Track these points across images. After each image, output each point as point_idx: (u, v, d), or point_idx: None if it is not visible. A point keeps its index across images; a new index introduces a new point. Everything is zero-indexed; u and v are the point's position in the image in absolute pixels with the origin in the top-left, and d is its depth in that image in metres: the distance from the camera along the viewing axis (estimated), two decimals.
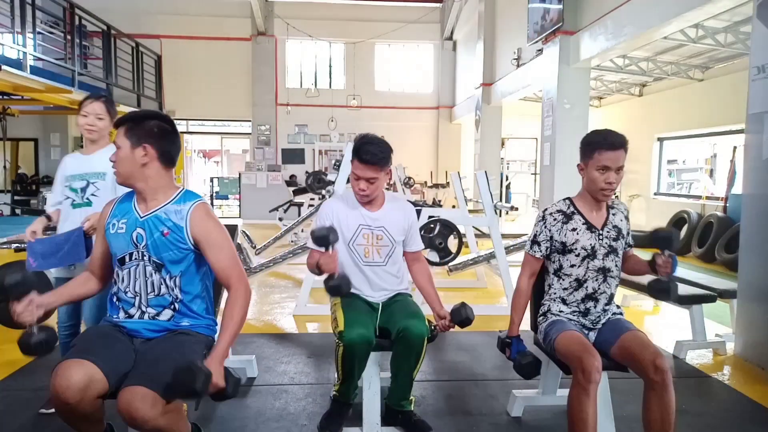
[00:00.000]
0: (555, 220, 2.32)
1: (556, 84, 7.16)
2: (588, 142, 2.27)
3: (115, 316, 1.96)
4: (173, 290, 1.93)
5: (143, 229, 1.90)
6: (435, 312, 2.45)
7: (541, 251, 2.35)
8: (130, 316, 1.93)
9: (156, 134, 1.90)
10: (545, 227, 2.33)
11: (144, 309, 1.92)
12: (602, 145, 2.20)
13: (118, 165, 1.89)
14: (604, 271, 2.30)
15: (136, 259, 1.91)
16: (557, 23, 7.01)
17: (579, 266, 2.29)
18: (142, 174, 1.89)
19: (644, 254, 2.43)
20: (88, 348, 1.75)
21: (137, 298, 1.92)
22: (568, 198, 2.39)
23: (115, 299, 1.97)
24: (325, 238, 2.20)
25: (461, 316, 2.36)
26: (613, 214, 2.35)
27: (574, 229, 2.29)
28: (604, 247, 2.29)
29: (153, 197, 1.92)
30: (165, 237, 1.89)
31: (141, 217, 1.91)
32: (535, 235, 2.36)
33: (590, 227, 2.29)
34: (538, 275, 2.45)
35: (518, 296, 2.42)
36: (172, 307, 1.94)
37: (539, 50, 7.93)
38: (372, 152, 2.33)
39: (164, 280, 1.92)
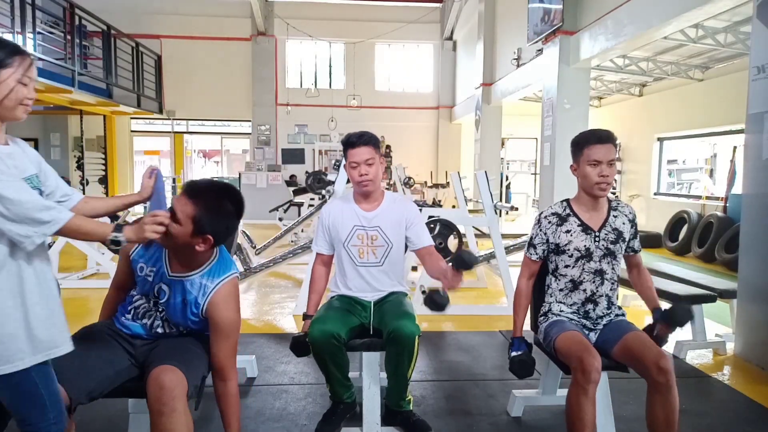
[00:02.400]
0: (549, 222, 2.34)
1: (556, 84, 7.16)
2: (576, 141, 2.31)
3: (123, 317, 1.97)
4: (181, 331, 1.97)
5: (168, 288, 1.87)
6: (442, 276, 2.24)
7: (537, 254, 2.38)
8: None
9: (223, 225, 1.78)
10: (540, 230, 2.36)
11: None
12: (590, 141, 2.24)
13: (168, 236, 1.72)
14: (601, 274, 2.29)
15: (151, 306, 1.93)
16: (557, 23, 7.01)
17: (573, 267, 2.30)
18: (190, 251, 1.81)
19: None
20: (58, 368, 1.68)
21: (148, 330, 1.95)
22: (566, 200, 2.39)
23: (129, 307, 1.98)
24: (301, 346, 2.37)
25: (462, 258, 2.15)
26: (615, 216, 2.32)
27: (568, 231, 2.30)
28: (600, 249, 2.28)
29: (186, 264, 1.87)
30: (183, 305, 1.87)
31: (169, 275, 1.88)
32: (531, 238, 2.40)
33: (586, 229, 2.29)
34: (540, 275, 2.46)
35: (518, 297, 2.43)
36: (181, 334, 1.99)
37: (539, 50, 7.93)
38: (359, 135, 2.42)
39: (170, 329, 1.95)
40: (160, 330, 1.94)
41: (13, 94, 1.52)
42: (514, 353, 2.32)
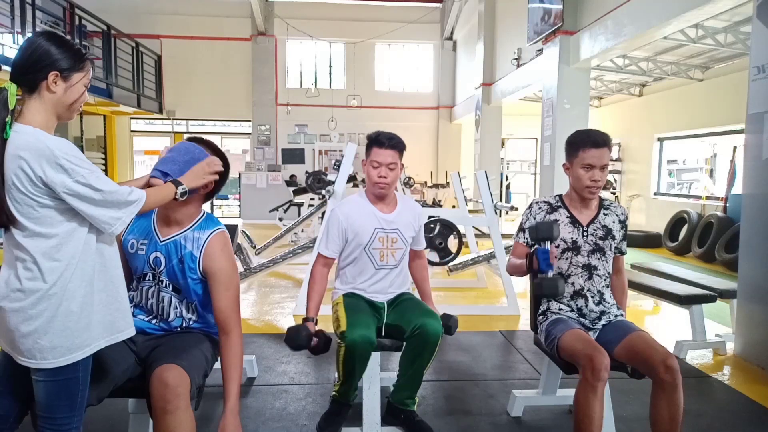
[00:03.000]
0: (540, 209, 2.39)
1: (556, 84, 7.16)
2: (572, 141, 2.31)
3: None
4: (189, 312, 1.98)
5: (162, 254, 1.90)
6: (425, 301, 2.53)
7: (525, 237, 2.40)
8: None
9: (224, 171, 1.92)
10: (531, 215, 2.40)
11: (155, 320, 1.97)
12: (586, 144, 2.25)
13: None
14: (589, 269, 2.31)
15: (149, 280, 1.93)
16: (557, 23, 7.01)
17: (560, 258, 2.33)
18: (183, 204, 1.87)
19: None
20: None
21: (151, 316, 1.97)
22: (559, 194, 2.44)
23: (131, 305, 1.99)
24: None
25: (447, 324, 2.42)
26: (605, 215, 2.36)
27: (555, 221, 2.31)
28: (588, 243, 2.30)
29: (177, 222, 1.91)
30: (181, 265, 1.89)
31: (161, 241, 1.91)
32: (521, 223, 2.43)
33: (574, 222, 2.33)
34: None
35: (511, 264, 2.40)
36: (184, 323, 1.99)
37: (539, 50, 7.93)
38: (389, 136, 2.42)
39: (180, 303, 1.96)
40: (168, 302, 1.93)
41: (81, 98, 1.60)
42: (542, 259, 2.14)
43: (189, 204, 1.89)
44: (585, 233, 2.31)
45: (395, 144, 2.41)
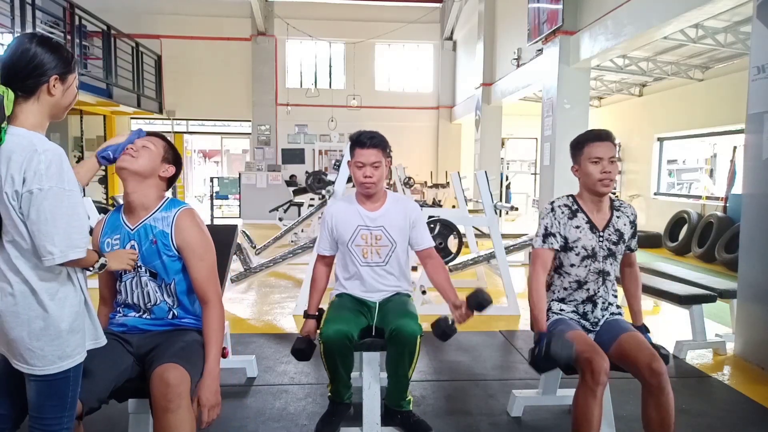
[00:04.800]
0: (562, 213, 2.31)
1: (556, 84, 7.15)
2: (576, 142, 2.32)
3: (113, 318, 2.00)
4: (170, 297, 1.98)
5: (135, 241, 1.93)
6: (450, 303, 2.33)
7: (558, 242, 2.29)
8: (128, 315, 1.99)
9: (179, 164, 2.03)
10: (555, 219, 2.30)
11: (145, 314, 1.98)
12: (590, 139, 2.26)
13: (143, 158, 1.90)
14: (603, 274, 2.29)
15: (130, 272, 1.95)
16: (557, 23, 7.01)
17: (579, 266, 2.29)
18: (151, 181, 1.94)
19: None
20: None
21: (136, 309, 1.98)
22: (571, 195, 2.37)
23: (117, 307, 2.02)
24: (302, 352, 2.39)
25: (477, 299, 2.23)
26: (617, 217, 2.32)
27: (577, 227, 2.28)
28: (603, 249, 2.28)
29: (143, 208, 1.94)
30: (154, 246, 1.91)
31: (132, 230, 1.94)
32: (546, 228, 2.30)
33: (593, 227, 2.28)
34: None
35: (535, 293, 2.26)
36: (171, 311, 1.99)
37: (539, 50, 7.93)
38: (370, 135, 2.41)
39: (159, 288, 1.96)
40: (149, 288, 1.95)
41: (75, 98, 1.65)
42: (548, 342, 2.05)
43: (152, 187, 1.94)
44: (601, 238, 2.28)
45: (377, 143, 2.40)
